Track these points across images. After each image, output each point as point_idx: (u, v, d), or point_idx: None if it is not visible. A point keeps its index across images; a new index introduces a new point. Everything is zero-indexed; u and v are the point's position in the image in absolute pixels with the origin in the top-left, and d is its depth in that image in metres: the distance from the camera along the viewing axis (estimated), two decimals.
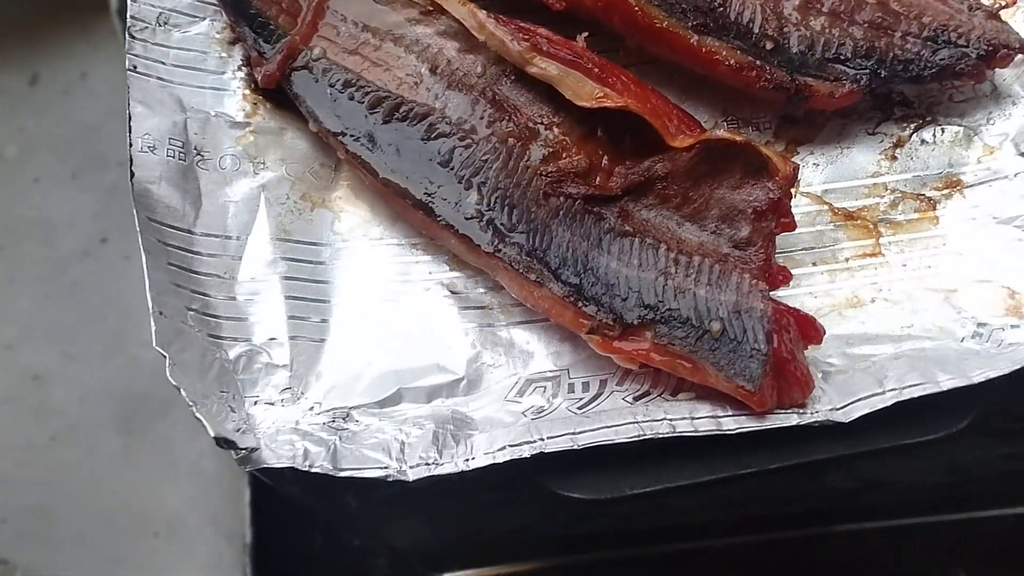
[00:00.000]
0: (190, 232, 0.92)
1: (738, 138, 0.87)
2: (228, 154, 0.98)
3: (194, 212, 0.93)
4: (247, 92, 1.01)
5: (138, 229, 0.87)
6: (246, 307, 0.92)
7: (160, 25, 0.99)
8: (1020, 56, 0.92)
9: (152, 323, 0.83)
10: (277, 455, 0.81)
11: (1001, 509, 1.22)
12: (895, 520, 1.25)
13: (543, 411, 0.87)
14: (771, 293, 0.86)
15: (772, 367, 0.81)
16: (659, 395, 0.87)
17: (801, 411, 0.81)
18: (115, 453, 1.78)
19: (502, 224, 0.91)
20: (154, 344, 0.81)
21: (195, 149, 0.96)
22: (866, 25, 0.94)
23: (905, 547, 1.31)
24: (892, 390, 0.79)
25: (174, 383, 0.79)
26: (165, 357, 0.81)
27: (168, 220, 0.91)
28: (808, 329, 0.84)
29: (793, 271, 0.92)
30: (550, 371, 0.91)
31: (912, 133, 0.97)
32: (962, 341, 0.87)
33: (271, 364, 0.90)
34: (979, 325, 0.87)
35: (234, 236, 0.94)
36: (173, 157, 0.94)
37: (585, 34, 0.95)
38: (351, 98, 0.97)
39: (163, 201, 0.91)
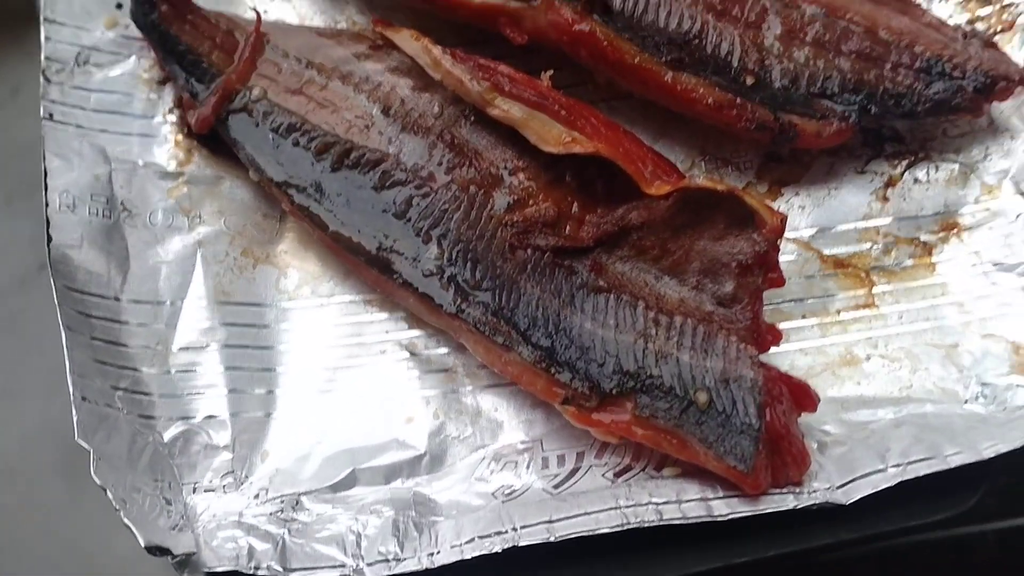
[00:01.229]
0: (116, 300, 0.83)
1: (720, 186, 0.79)
2: (159, 208, 0.88)
3: (121, 277, 0.84)
4: (179, 138, 0.92)
5: (56, 302, 0.78)
6: (182, 381, 0.83)
7: (79, 65, 0.90)
8: (1020, 88, 0.85)
9: (73, 411, 0.73)
10: (219, 556, 0.73)
11: None
12: None
13: (514, 492, 0.79)
14: (761, 355, 0.78)
15: (766, 444, 0.73)
16: (642, 470, 0.79)
17: (798, 491, 0.73)
18: (59, 498, 1.68)
19: (465, 281, 0.83)
20: (76, 436, 0.72)
21: (121, 205, 0.87)
22: (854, 56, 0.87)
23: None
24: (895, 466, 0.72)
25: (99, 483, 0.70)
26: (89, 451, 0.71)
27: (91, 288, 0.82)
28: (802, 397, 0.77)
29: (782, 324, 0.84)
30: (521, 443, 0.83)
31: (904, 171, 0.90)
32: (966, 403, 0.80)
33: (211, 445, 0.81)
34: (983, 385, 0.80)
35: (167, 301, 0.85)
36: (96, 215, 0.85)
37: (550, 72, 0.87)
38: (295, 143, 0.88)
39: (85, 267, 0.82)
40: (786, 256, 0.88)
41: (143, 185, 0.89)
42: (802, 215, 0.90)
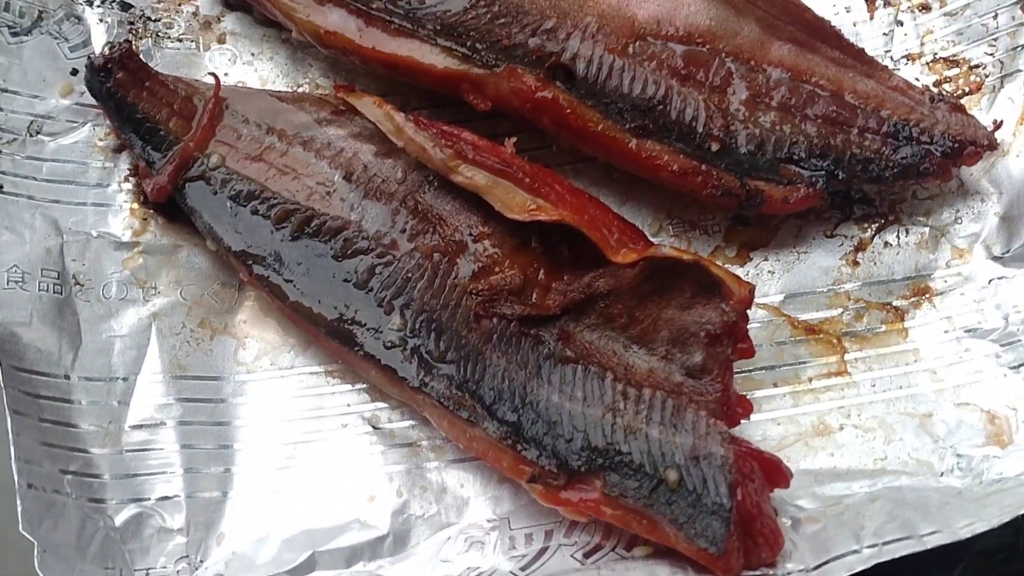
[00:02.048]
0: (67, 378, 0.80)
1: (686, 256, 0.78)
2: (113, 280, 0.86)
3: (72, 353, 0.81)
4: (135, 207, 0.89)
5: (1, 384, 0.75)
6: (135, 462, 0.80)
7: (31, 135, 0.88)
8: (988, 153, 0.84)
9: (18, 500, 0.70)
10: None
11: None
12: None
13: (481, 574, 0.76)
14: (733, 427, 0.76)
15: (737, 525, 0.71)
16: (612, 549, 0.77)
17: (771, 572, 0.71)
18: None
19: (428, 352, 0.81)
20: (20, 528, 0.69)
21: (73, 278, 0.84)
22: (820, 120, 0.86)
23: None
24: (870, 547, 0.70)
25: None
26: (33, 544, 0.68)
27: (40, 367, 0.79)
28: (774, 473, 0.75)
29: (753, 393, 0.83)
30: (488, 520, 0.81)
31: (874, 235, 0.89)
32: (941, 476, 0.78)
33: (165, 528, 0.78)
34: (959, 457, 0.79)
35: (120, 377, 0.83)
36: (47, 291, 0.82)
37: (514, 139, 0.85)
38: (254, 212, 0.86)
39: (34, 345, 0.79)
40: (756, 321, 0.86)
41: (97, 257, 0.86)
42: (772, 280, 0.89)
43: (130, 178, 0.91)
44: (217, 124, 0.90)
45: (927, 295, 0.86)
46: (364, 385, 0.86)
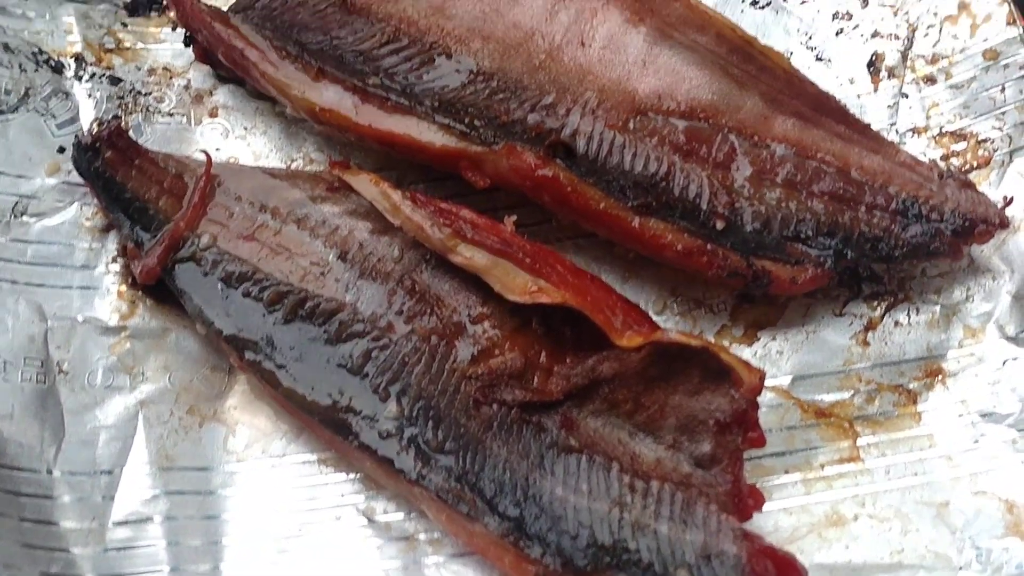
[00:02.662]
0: (49, 473, 0.77)
1: (693, 341, 0.75)
2: (99, 367, 0.83)
3: (54, 447, 0.78)
4: (123, 289, 0.87)
5: None
6: (120, 560, 0.76)
7: (16, 216, 0.85)
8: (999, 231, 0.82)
9: None
10: None
11: None
12: None
13: None
14: (744, 521, 0.73)
15: None
16: None
17: None
18: None
19: (426, 442, 0.77)
20: None
21: (57, 366, 0.81)
22: (826, 197, 0.84)
23: None
24: None
25: None
26: None
27: (21, 462, 0.76)
28: (788, 571, 0.71)
29: (764, 480, 0.80)
30: None
31: (884, 314, 0.86)
32: (960, 570, 0.75)
33: None
34: (977, 549, 0.76)
35: (105, 470, 0.79)
36: (30, 380, 0.79)
37: (514, 217, 0.83)
38: (246, 294, 0.84)
39: (15, 439, 0.76)
40: (765, 405, 0.84)
41: (82, 343, 0.84)
42: (780, 360, 0.86)
43: (118, 259, 0.88)
44: (208, 203, 0.87)
45: (940, 376, 0.84)
46: (359, 474, 0.83)
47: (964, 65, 0.92)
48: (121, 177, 0.87)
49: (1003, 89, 0.90)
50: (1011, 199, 0.84)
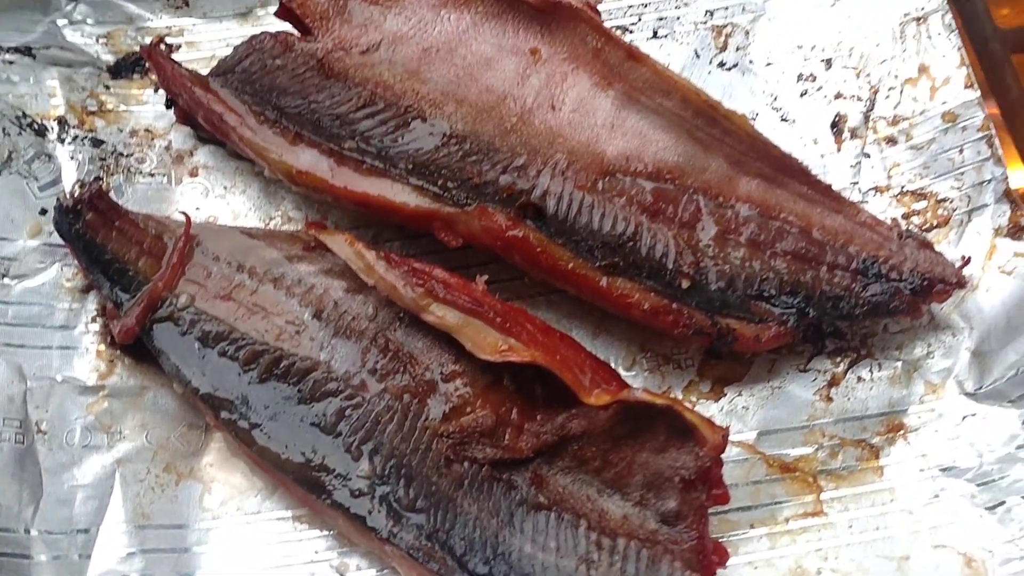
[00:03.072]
0: (27, 532, 0.78)
1: (658, 400, 0.77)
2: (77, 427, 0.85)
3: (32, 506, 0.80)
4: (101, 348, 0.88)
5: None
6: None
7: None
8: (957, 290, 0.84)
9: None
10: None
11: None
12: None
13: None
14: None
15: None
16: None
17: None
18: None
19: (398, 500, 0.79)
20: None
21: (36, 426, 0.83)
22: (789, 256, 0.86)
23: None
24: None
25: None
26: None
27: (0, 523, 0.77)
28: None
29: (729, 535, 0.82)
30: None
31: (847, 369, 0.88)
32: None
33: None
34: None
35: (82, 529, 0.81)
36: (8, 441, 0.81)
37: (485, 277, 0.85)
38: (222, 353, 0.85)
39: None
40: (731, 459, 0.85)
41: (61, 402, 0.85)
42: (746, 415, 0.88)
43: (97, 319, 0.90)
44: (187, 263, 0.89)
45: (901, 431, 0.86)
46: (332, 531, 0.84)
47: (924, 127, 0.95)
48: (101, 238, 0.89)
49: (961, 151, 0.93)
50: (968, 259, 0.86)
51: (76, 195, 0.90)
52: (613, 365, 0.90)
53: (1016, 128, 1.00)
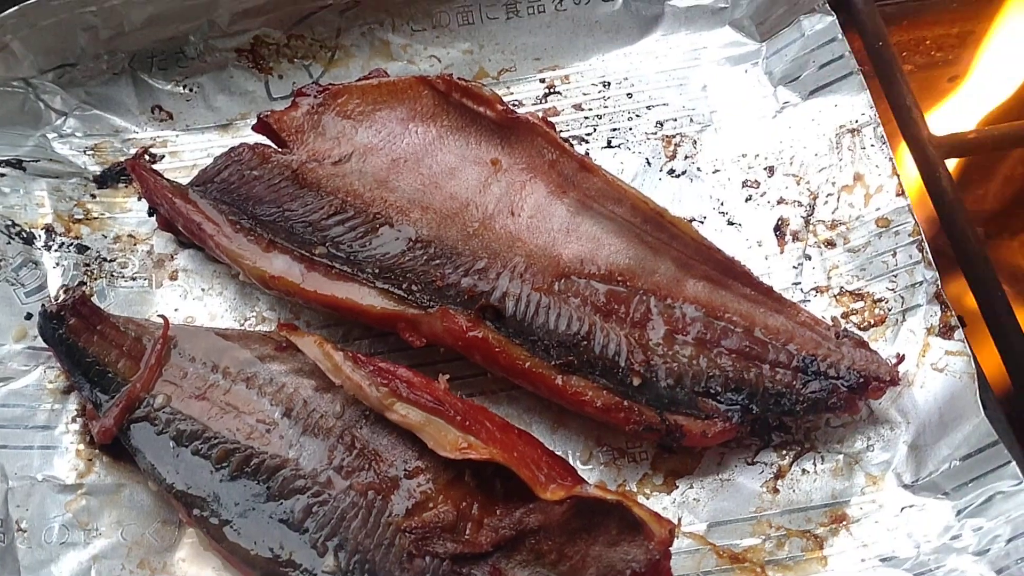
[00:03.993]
0: None
1: (609, 496, 0.81)
2: (55, 524, 0.88)
3: None
4: (81, 448, 0.93)
5: None
6: None
7: None
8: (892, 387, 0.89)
9: None
10: None
11: None
12: None
13: None
14: None
15: None
16: None
17: None
18: None
19: None
20: None
21: (16, 524, 0.86)
22: (734, 355, 0.92)
23: None
24: None
25: None
26: None
27: None
28: None
29: None
30: None
31: (792, 462, 0.93)
32: None
33: None
34: None
35: None
36: None
37: (447, 376, 0.90)
38: (196, 452, 0.89)
39: None
40: (683, 551, 0.89)
41: (41, 501, 0.89)
42: (697, 507, 0.92)
43: (78, 419, 0.94)
44: (164, 364, 0.94)
45: (844, 522, 0.90)
46: None
47: (860, 231, 1.01)
48: (83, 342, 0.94)
49: (894, 254, 0.99)
50: (903, 357, 0.91)
51: (60, 301, 0.95)
52: (571, 458, 0.95)
53: (951, 227, 1.07)
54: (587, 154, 1.09)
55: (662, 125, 1.11)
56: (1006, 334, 0.97)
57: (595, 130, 1.12)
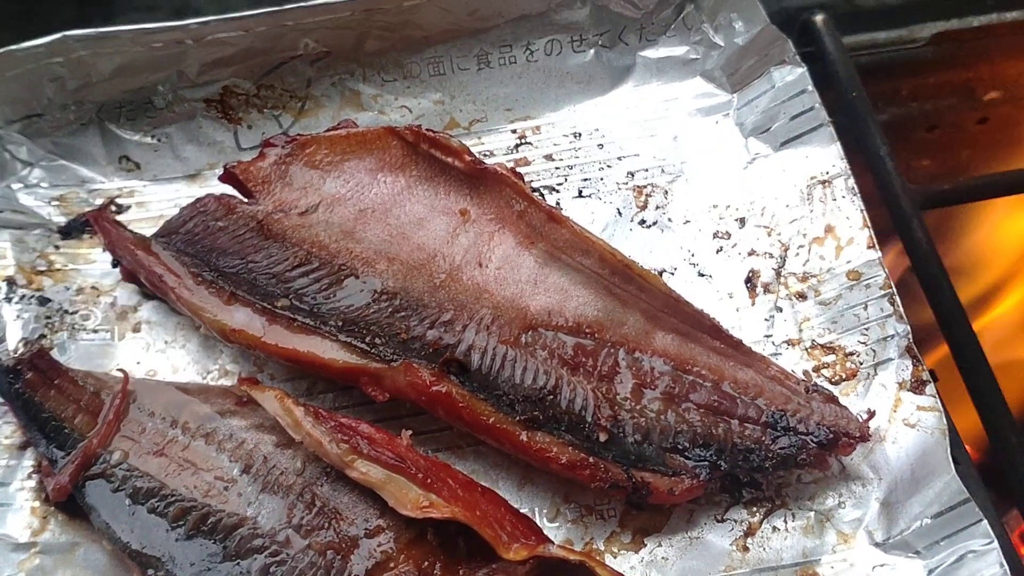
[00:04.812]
0: None
1: (572, 556, 0.80)
2: None
3: None
4: (36, 505, 0.91)
5: None
6: None
7: None
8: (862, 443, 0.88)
9: None
10: None
11: None
12: None
13: None
14: None
15: None
16: None
17: None
18: None
19: None
20: None
21: None
22: (702, 409, 0.90)
23: None
24: None
25: None
26: None
27: None
28: None
29: None
30: None
31: (763, 520, 0.91)
32: None
33: None
34: None
35: None
36: None
37: (409, 432, 0.88)
38: (151, 510, 0.87)
39: None
40: None
41: None
42: (666, 566, 0.90)
43: (33, 475, 0.92)
44: (123, 419, 0.92)
45: None
46: None
47: (831, 283, 1.01)
48: (40, 397, 0.93)
49: (866, 307, 0.98)
50: (873, 412, 0.90)
51: (17, 355, 0.94)
52: (537, 516, 0.93)
53: (925, 277, 1.06)
54: (558, 204, 1.09)
55: (633, 175, 1.11)
56: (981, 390, 0.97)
57: (566, 180, 1.12)
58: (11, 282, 1.03)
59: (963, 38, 1.32)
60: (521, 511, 0.89)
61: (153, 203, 1.12)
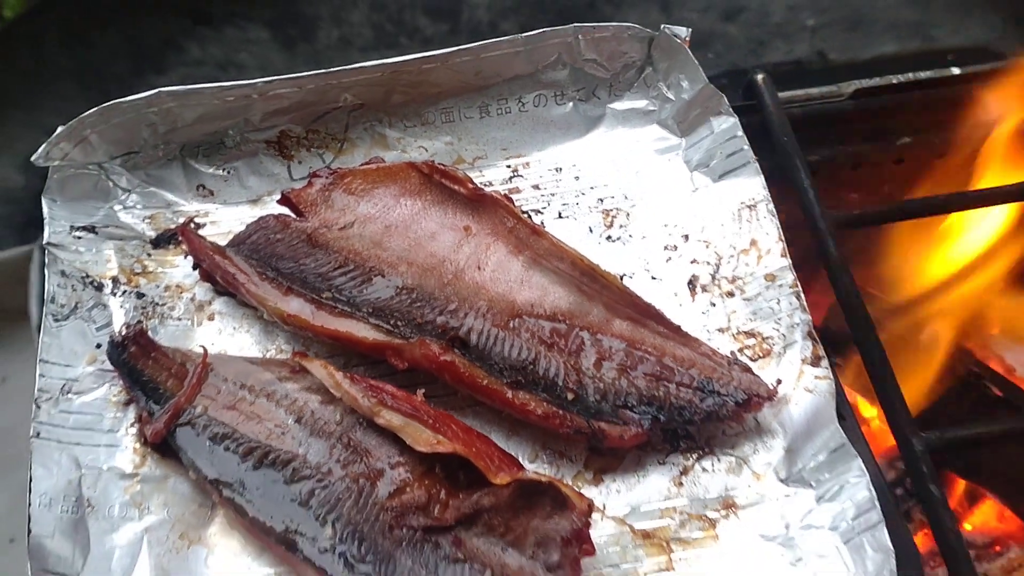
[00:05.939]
0: None
1: (542, 478, 1.04)
2: (116, 503, 1.11)
3: (82, 559, 1.06)
4: (137, 446, 1.16)
5: None
6: None
7: (63, 394, 1.16)
8: (768, 402, 1.14)
9: None
10: None
11: None
12: None
13: None
14: None
15: None
16: None
17: None
18: None
19: (352, 556, 1.05)
20: None
21: (87, 502, 1.10)
22: (648, 377, 1.16)
23: None
24: None
25: None
26: None
27: (59, 568, 1.04)
28: None
29: None
30: None
31: (695, 463, 1.15)
32: None
33: None
34: None
35: None
36: (67, 512, 1.08)
37: (423, 391, 1.14)
38: (227, 449, 1.12)
39: (55, 552, 1.04)
40: (606, 531, 1.10)
41: (105, 485, 1.11)
42: (618, 497, 1.13)
43: (135, 425, 1.17)
44: (203, 383, 1.17)
45: (733, 508, 1.11)
46: None
47: (753, 284, 1.24)
48: (140, 365, 1.19)
49: (779, 302, 1.21)
50: (780, 380, 1.14)
51: (123, 333, 1.20)
52: (521, 458, 1.15)
53: (836, 283, 1.31)
54: (542, 223, 1.34)
55: (602, 201, 1.36)
56: (873, 361, 1.22)
57: (549, 205, 1.36)
58: (115, 281, 1.29)
59: (882, 93, 1.51)
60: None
61: (223, 222, 1.36)
